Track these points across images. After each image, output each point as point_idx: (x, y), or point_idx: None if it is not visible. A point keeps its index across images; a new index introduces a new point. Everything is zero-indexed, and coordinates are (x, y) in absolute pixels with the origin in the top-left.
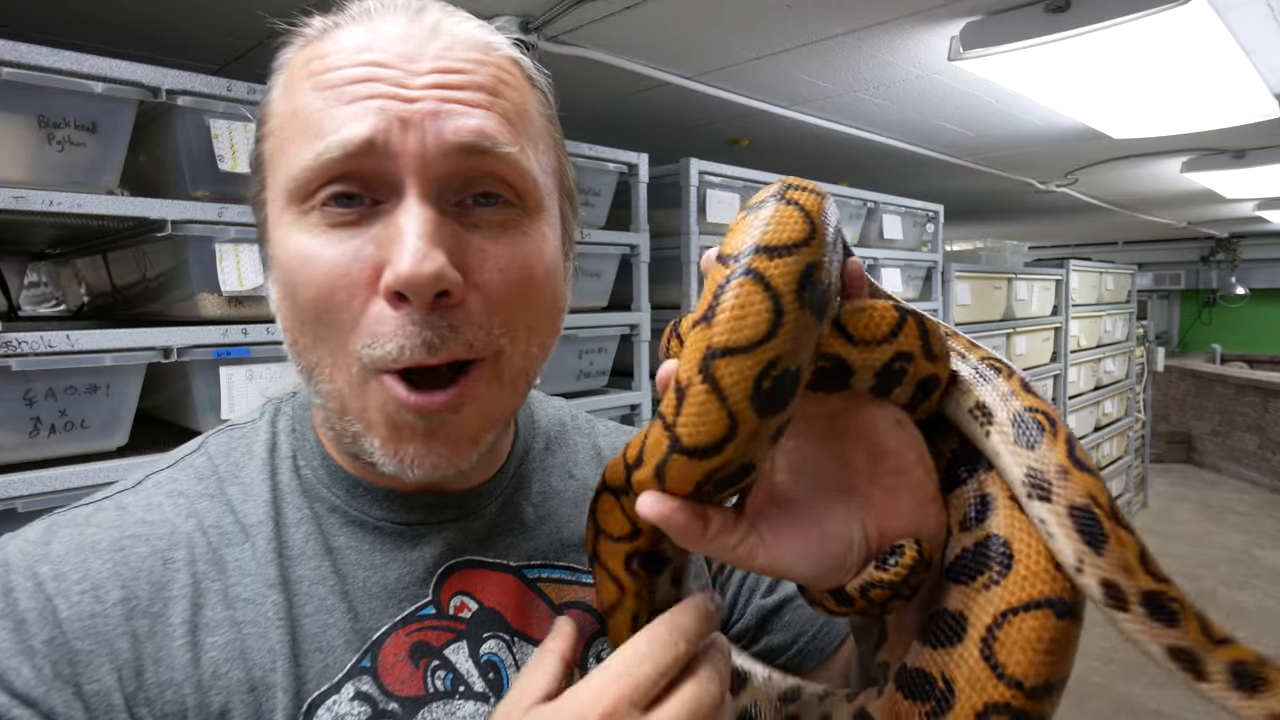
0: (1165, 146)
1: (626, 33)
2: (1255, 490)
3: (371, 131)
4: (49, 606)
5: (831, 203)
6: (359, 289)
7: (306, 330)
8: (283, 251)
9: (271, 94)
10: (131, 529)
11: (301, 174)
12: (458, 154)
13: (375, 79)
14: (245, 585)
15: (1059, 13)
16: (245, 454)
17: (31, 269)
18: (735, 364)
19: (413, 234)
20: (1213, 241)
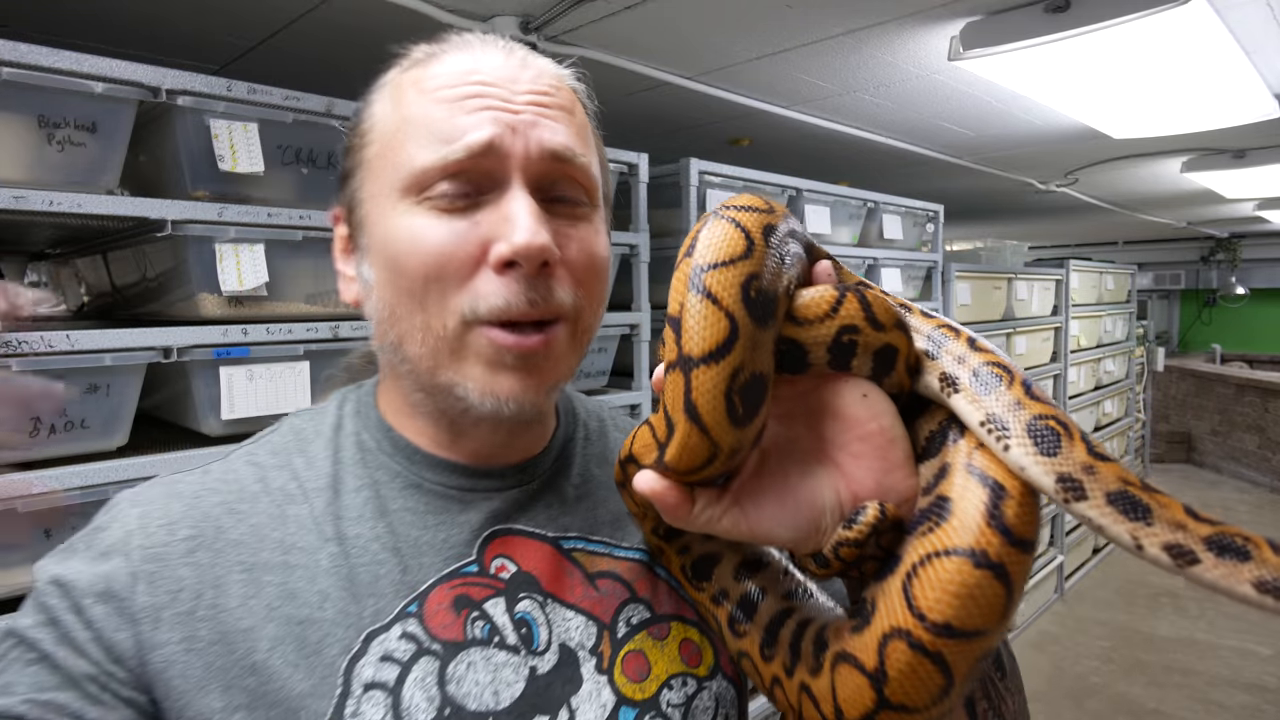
0: (1165, 146)
1: (626, 33)
2: (1255, 490)
3: (491, 135)
4: (124, 541)
5: (785, 220)
6: (467, 261)
7: (405, 300)
8: (391, 234)
9: (374, 108)
10: (209, 485)
11: (422, 169)
12: (550, 159)
13: (486, 95)
14: (301, 537)
15: (1059, 13)
16: (314, 432)
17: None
18: (707, 374)
19: (525, 215)
20: (1213, 241)
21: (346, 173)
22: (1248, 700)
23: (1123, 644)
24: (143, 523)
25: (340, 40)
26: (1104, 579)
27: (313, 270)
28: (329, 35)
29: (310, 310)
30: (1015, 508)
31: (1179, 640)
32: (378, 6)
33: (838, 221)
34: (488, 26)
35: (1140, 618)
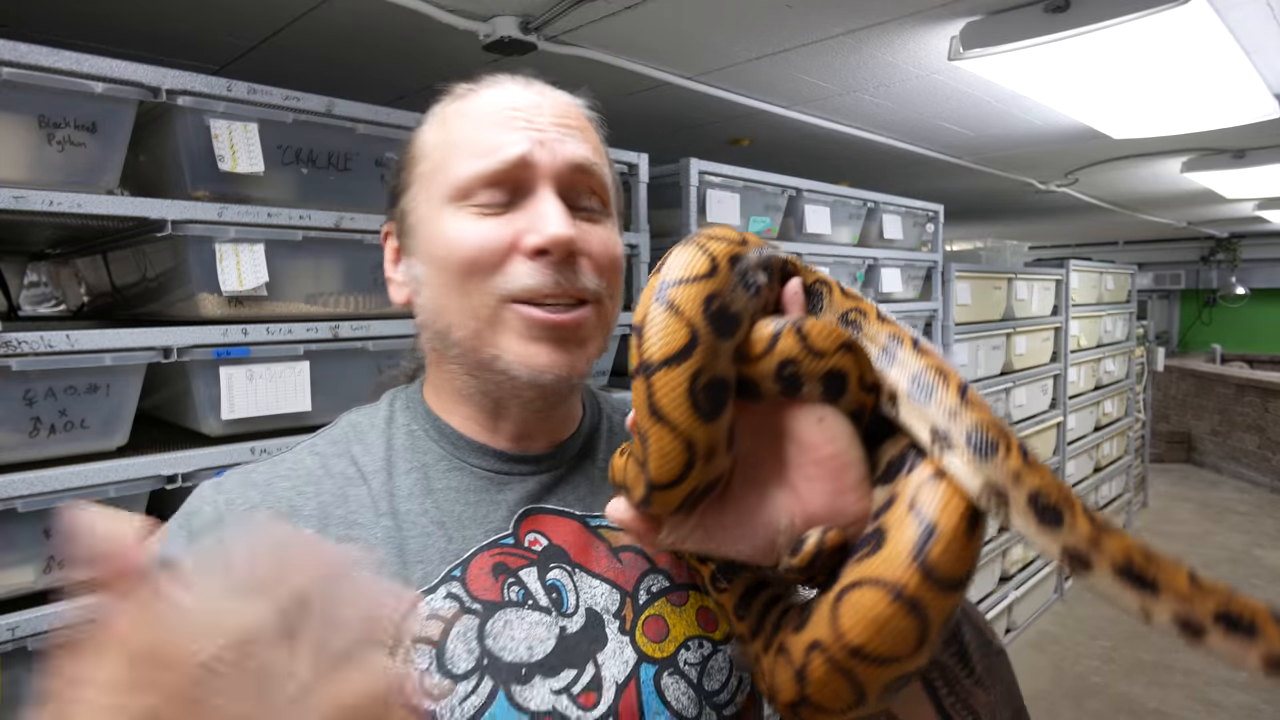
0: (1165, 146)
1: (626, 33)
2: (1255, 490)
3: (525, 150)
4: (215, 524)
5: (757, 251)
6: (503, 249)
7: (452, 289)
8: (439, 234)
9: (424, 135)
10: (279, 472)
11: (466, 178)
12: (573, 169)
13: (517, 119)
14: (361, 514)
15: (1059, 13)
16: (369, 424)
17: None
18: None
19: (554, 211)
20: (1213, 241)
21: (397, 190)
22: (1246, 700)
23: (1123, 644)
24: (229, 507)
25: (340, 40)
26: None
27: (313, 270)
28: (329, 35)
29: (310, 310)
30: (942, 549)
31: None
32: (378, 6)
33: (838, 221)
34: (488, 26)
35: None
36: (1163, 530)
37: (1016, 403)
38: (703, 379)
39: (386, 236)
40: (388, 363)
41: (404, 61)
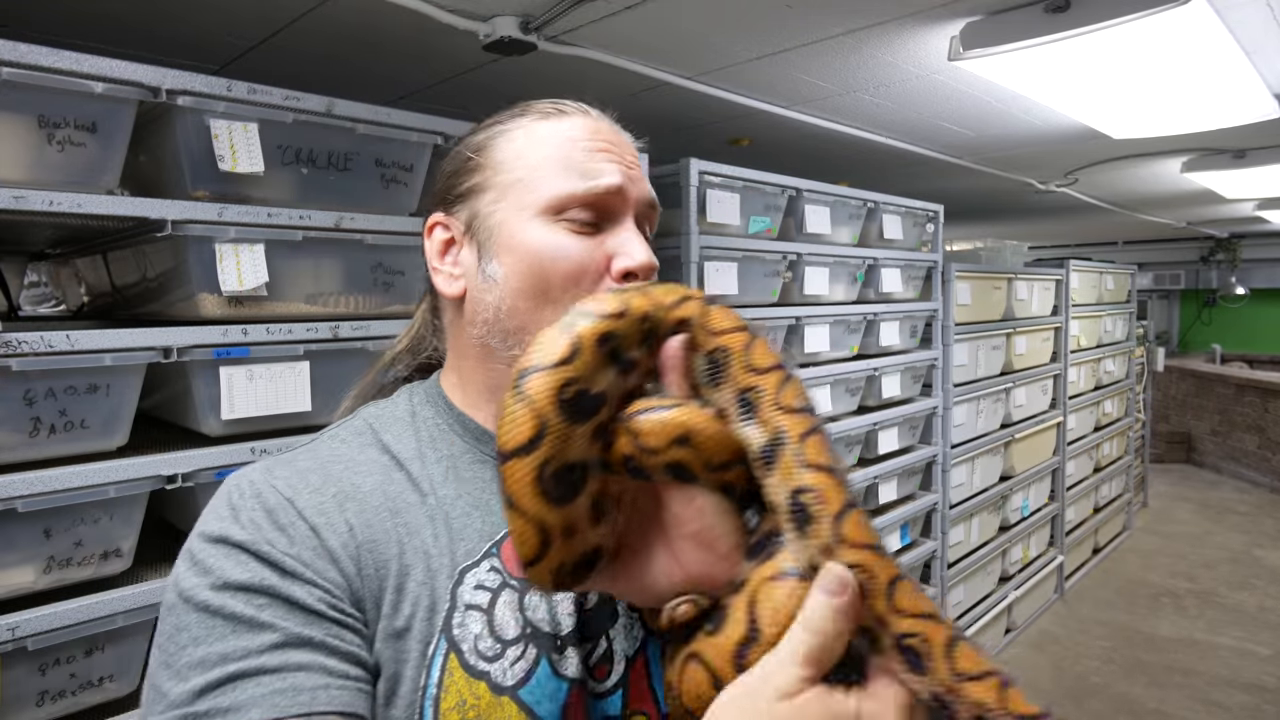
0: (1165, 146)
1: (626, 33)
2: (1255, 490)
3: (621, 182)
4: (289, 502)
5: (640, 320)
6: (597, 270)
7: (538, 296)
8: (534, 242)
9: (511, 142)
10: (326, 459)
11: (566, 195)
12: (647, 205)
13: (612, 151)
14: (407, 495)
15: (1059, 13)
16: (391, 418)
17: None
18: (516, 466)
19: (639, 243)
20: (1213, 241)
21: (468, 191)
22: (1247, 700)
23: (1123, 644)
24: (294, 490)
25: (340, 40)
26: (1104, 579)
27: (313, 270)
28: (329, 35)
29: (310, 310)
30: (759, 655)
31: (1179, 640)
32: (378, 6)
33: (838, 221)
34: (488, 26)
35: (1141, 618)
36: (1162, 530)
37: (1016, 403)
38: (551, 467)
39: (432, 229)
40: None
41: (404, 61)
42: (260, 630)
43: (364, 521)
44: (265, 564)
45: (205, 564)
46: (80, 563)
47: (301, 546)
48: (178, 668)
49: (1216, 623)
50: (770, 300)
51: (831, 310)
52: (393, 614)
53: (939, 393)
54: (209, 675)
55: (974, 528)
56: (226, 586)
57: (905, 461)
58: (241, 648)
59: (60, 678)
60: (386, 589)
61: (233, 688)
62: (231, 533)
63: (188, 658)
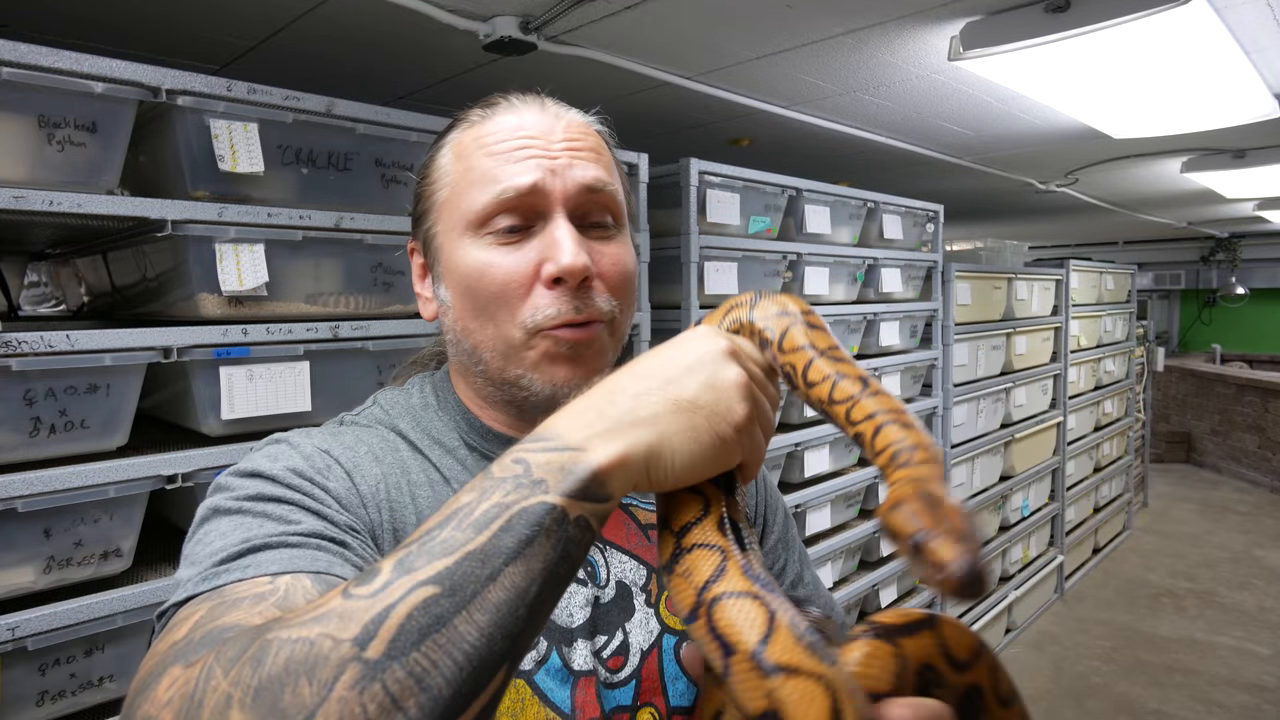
0: (1165, 146)
1: (626, 33)
2: (1255, 490)
3: (535, 179)
4: (324, 452)
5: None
6: (526, 280)
7: (479, 317)
8: (463, 264)
9: (440, 159)
10: (355, 433)
11: (483, 208)
12: (584, 191)
13: (530, 146)
14: (431, 474)
15: (1059, 13)
16: (404, 408)
17: (31, 269)
18: None
19: (567, 240)
20: (1213, 241)
21: (420, 214)
22: (1247, 700)
23: (1123, 644)
24: (328, 444)
25: (340, 40)
26: (1104, 579)
27: (312, 270)
28: (329, 35)
29: (310, 310)
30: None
31: (1179, 640)
32: (378, 6)
33: (838, 221)
34: (488, 26)
35: (1141, 617)
36: (1162, 530)
37: (1016, 403)
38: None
39: (413, 252)
40: (388, 363)
41: (404, 61)
42: (289, 523)
43: (396, 482)
44: (299, 489)
45: (238, 487)
46: (80, 563)
47: (338, 484)
48: (199, 558)
49: (1216, 623)
50: None
51: (831, 310)
52: None
53: (939, 393)
54: (231, 550)
55: None
56: (260, 496)
57: None
58: (267, 532)
59: (60, 678)
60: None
61: (253, 556)
62: (265, 468)
63: (208, 548)
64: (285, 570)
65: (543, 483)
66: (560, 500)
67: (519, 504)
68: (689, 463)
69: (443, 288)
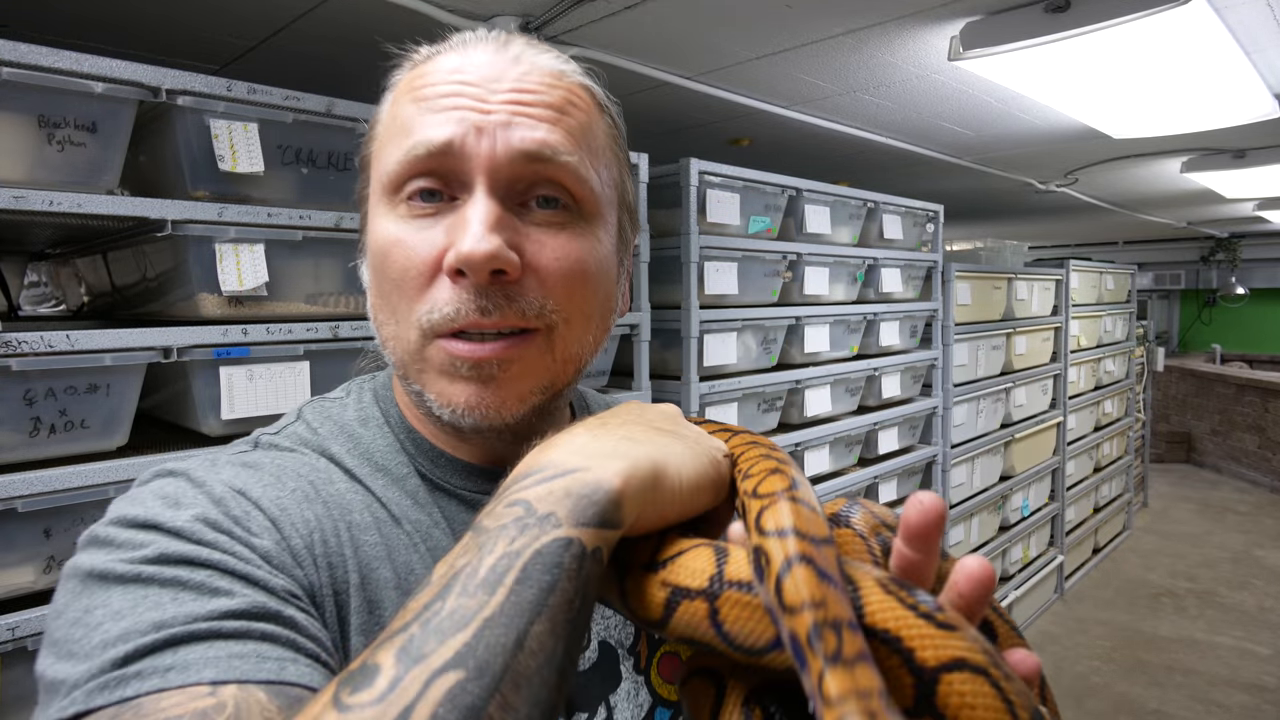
0: (1165, 146)
1: (626, 33)
2: (1255, 490)
3: (450, 135)
4: (239, 493)
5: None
6: (427, 268)
7: (385, 305)
8: (375, 236)
9: (382, 107)
10: (277, 459)
11: (394, 168)
12: (522, 159)
13: (461, 94)
14: (376, 510)
15: (1059, 13)
16: (338, 422)
17: (31, 269)
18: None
19: (476, 221)
20: (1213, 241)
21: (358, 169)
22: (1247, 700)
23: (1123, 644)
24: (244, 483)
25: (340, 40)
26: (1104, 579)
27: (313, 270)
28: (329, 35)
29: (310, 310)
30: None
31: (1179, 640)
32: (377, 6)
33: (838, 221)
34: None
35: (1140, 617)
36: (1162, 530)
37: (1016, 403)
38: None
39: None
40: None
41: None
42: (215, 595)
43: (334, 528)
44: (218, 547)
45: (128, 543)
46: None
47: (263, 539)
48: (87, 650)
49: (1216, 623)
50: (770, 300)
51: (831, 310)
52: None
53: (939, 392)
54: (139, 641)
55: (974, 528)
56: (164, 558)
57: (905, 461)
58: (187, 613)
59: None
60: (384, 606)
61: (172, 652)
62: (165, 517)
63: (103, 635)
64: (227, 678)
65: (551, 516)
66: (577, 532)
67: (531, 547)
68: (695, 479)
69: (364, 265)
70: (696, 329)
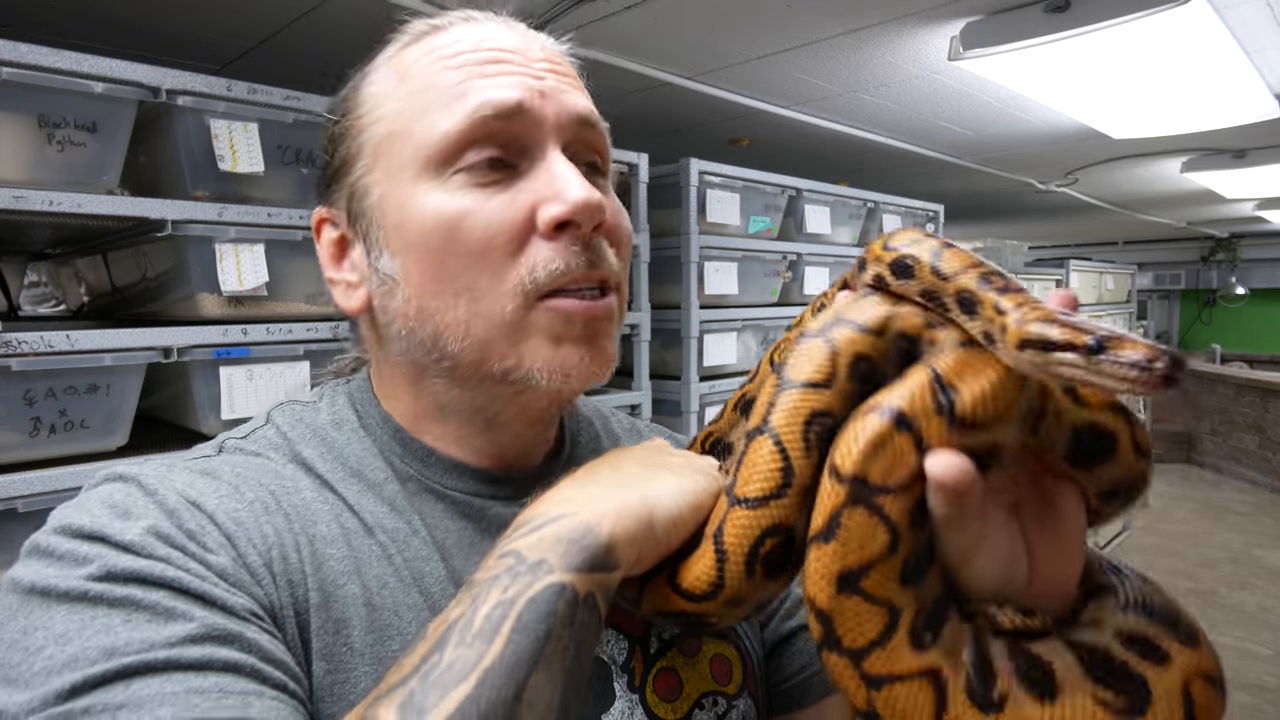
0: (1165, 146)
1: (626, 33)
2: (1255, 490)
3: (521, 97)
4: (193, 505)
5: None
6: (517, 231)
7: (448, 290)
8: (422, 216)
9: (371, 88)
10: (239, 467)
11: (451, 134)
12: (579, 124)
13: (506, 60)
14: (347, 519)
15: (1059, 13)
16: (310, 425)
17: (31, 269)
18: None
19: (572, 175)
20: (1213, 241)
21: (339, 166)
22: (1247, 700)
23: None
24: (199, 493)
25: (340, 40)
26: None
27: (313, 270)
28: (329, 35)
29: (310, 310)
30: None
31: None
32: (378, 6)
33: (838, 221)
34: None
35: None
36: (1163, 530)
37: None
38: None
39: (322, 225)
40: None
41: None
42: (170, 619)
43: (294, 543)
44: (173, 563)
45: (74, 555)
46: None
47: (219, 556)
48: (28, 677)
49: (1216, 623)
50: (770, 300)
51: None
52: (348, 656)
53: None
54: (88, 671)
55: None
56: (114, 575)
57: None
58: (142, 639)
59: None
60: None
61: (125, 684)
62: (114, 529)
63: (45, 662)
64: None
65: (542, 563)
66: (569, 577)
67: (524, 595)
68: (693, 503)
69: (387, 256)
70: (696, 329)
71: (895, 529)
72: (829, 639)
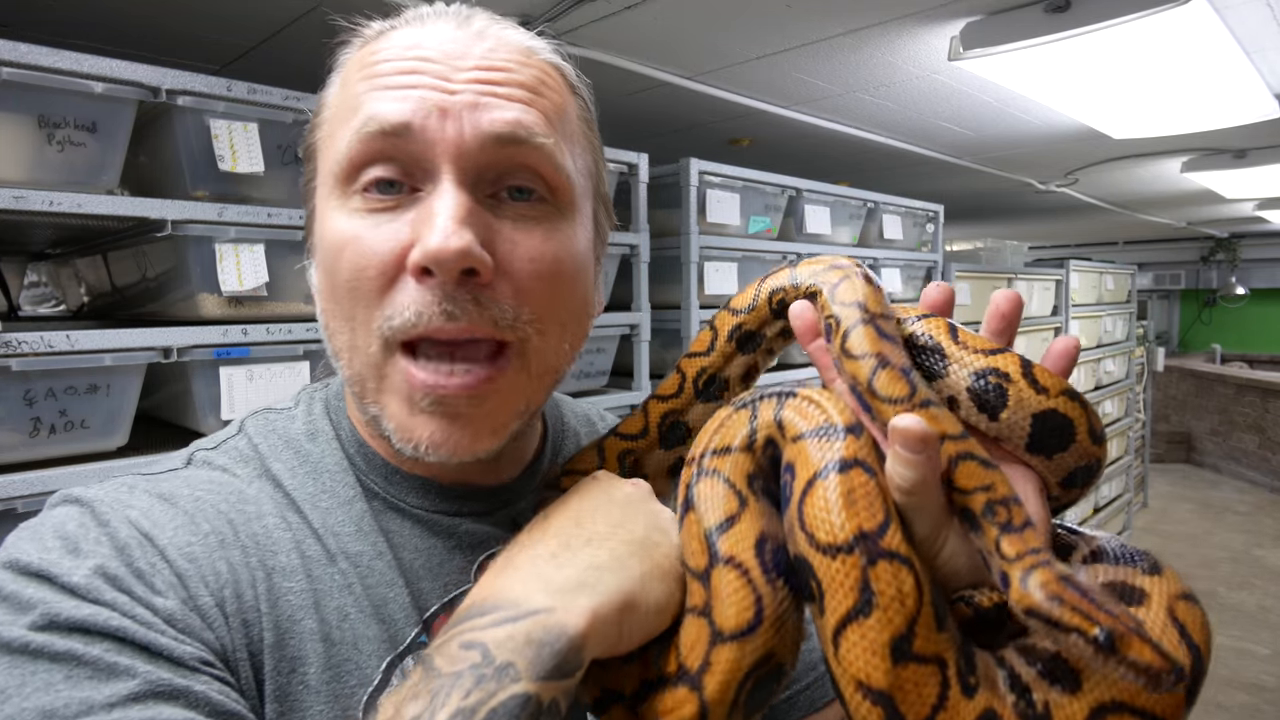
0: (1165, 146)
1: (626, 33)
2: (1255, 490)
3: (410, 115)
4: (145, 538)
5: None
6: (388, 268)
7: (338, 311)
8: (325, 233)
9: (328, 90)
10: (201, 488)
11: (345, 151)
12: (494, 144)
13: (420, 71)
14: (310, 545)
15: (1059, 13)
16: (283, 436)
17: (31, 269)
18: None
19: (444, 214)
20: (1213, 241)
21: (304, 160)
22: (1247, 700)
23: None
24: (155, 523)
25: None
26: None
27: None
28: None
29: (310, 310)
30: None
31: None
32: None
33: (838, 221)
34: None
35: None
36: (1163, 530)
37: None
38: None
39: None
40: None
41: None
42: (112, 676)
43: (250, 579)
44: (118, 609)
45: (18, 597)
46: None
47: (167, 599)
48: None
49: (1216, 623)
50: None
51: None
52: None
53: None
54: None
55: None
56: (55, 624)
57: None
58: (82, 700)
59: None
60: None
61: None
62: (59, 568)
63: None
64: None
65: (509, 668)
66: (535, 686)
67: (486, 705)
68: (664, 603)
69: (312, 267)
70: (696, 329)
71: (915, 569)
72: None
